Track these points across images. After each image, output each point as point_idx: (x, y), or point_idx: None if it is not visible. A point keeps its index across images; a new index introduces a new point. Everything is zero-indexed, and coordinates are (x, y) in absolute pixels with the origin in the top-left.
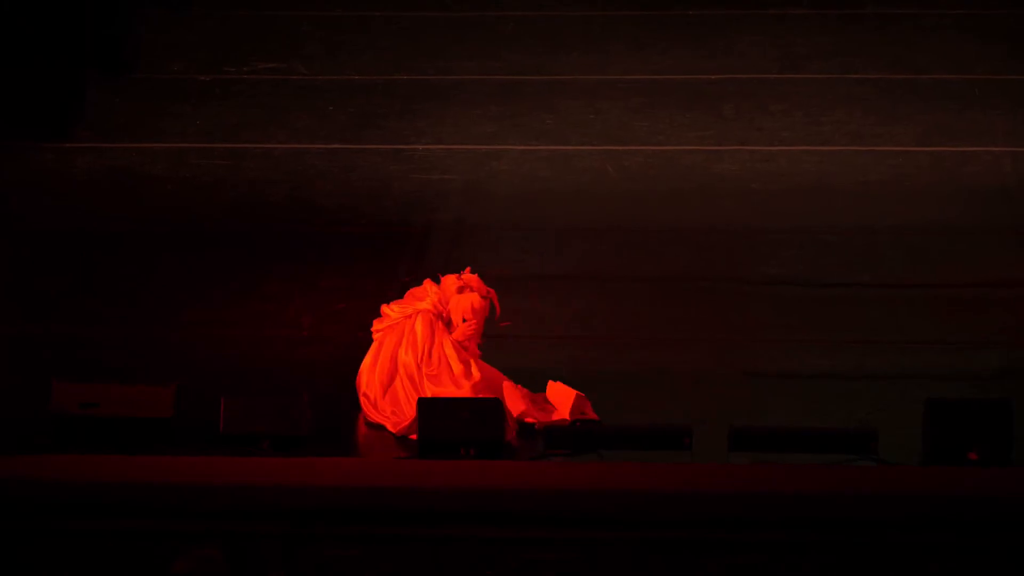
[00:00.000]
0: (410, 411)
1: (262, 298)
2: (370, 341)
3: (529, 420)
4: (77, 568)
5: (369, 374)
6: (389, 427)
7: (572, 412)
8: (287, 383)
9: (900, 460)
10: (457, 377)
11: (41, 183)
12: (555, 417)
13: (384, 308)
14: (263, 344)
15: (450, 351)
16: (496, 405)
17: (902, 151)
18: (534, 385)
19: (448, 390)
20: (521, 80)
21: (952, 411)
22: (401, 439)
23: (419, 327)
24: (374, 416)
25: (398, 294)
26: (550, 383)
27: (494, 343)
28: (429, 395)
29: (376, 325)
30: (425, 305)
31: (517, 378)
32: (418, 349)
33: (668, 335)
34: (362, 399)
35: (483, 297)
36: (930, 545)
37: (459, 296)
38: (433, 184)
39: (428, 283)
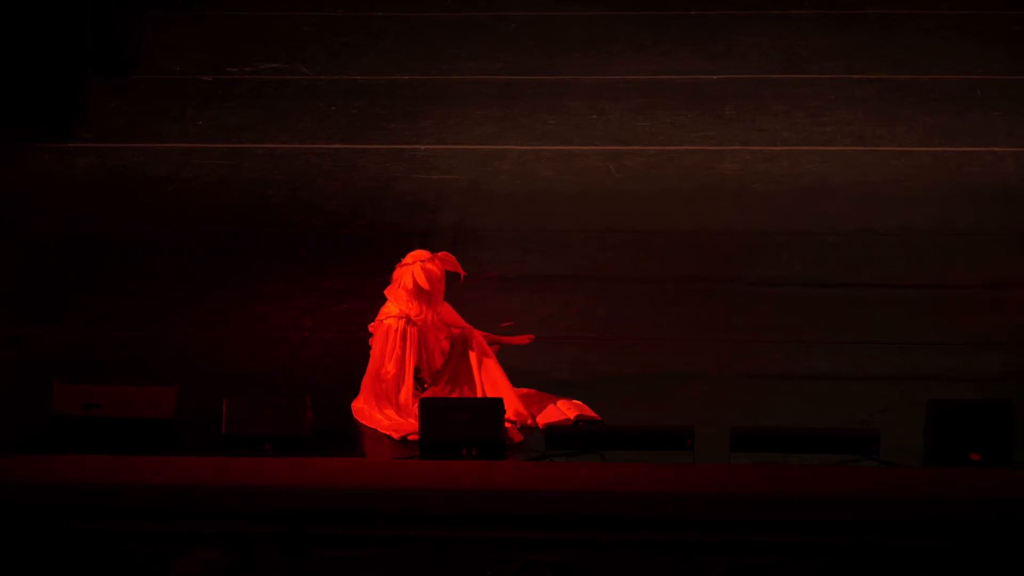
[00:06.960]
0: (406, 419)
1: (263, 299)
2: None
3: (528, 423)
4: (78, 569)
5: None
6: (392, 435)
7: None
8: (289, 384)
9: (901, 461)
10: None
11: (42, 184)
12: (556, 417)
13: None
14: (264, 345)
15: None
16: (497, 405)
17: (904, 151)
18: (534, 386)
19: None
20: (523, 80)
21: (953, 412)
22: (401, 440)
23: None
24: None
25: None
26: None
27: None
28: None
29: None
30: (393, 311)
31: (518, 378)
32: (396, 363)
33: (670, 336)
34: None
35: (423, 268)
36: (931, 546)
37: (401, 277)
38: (435, 184)
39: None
